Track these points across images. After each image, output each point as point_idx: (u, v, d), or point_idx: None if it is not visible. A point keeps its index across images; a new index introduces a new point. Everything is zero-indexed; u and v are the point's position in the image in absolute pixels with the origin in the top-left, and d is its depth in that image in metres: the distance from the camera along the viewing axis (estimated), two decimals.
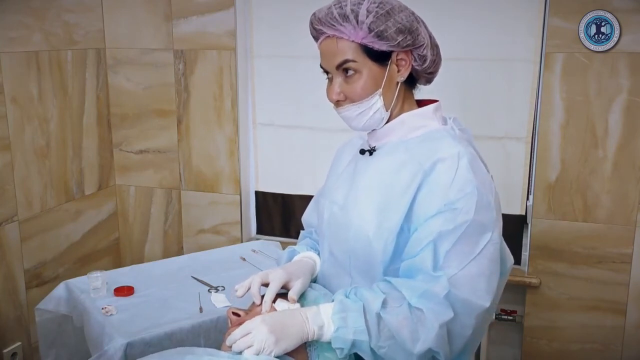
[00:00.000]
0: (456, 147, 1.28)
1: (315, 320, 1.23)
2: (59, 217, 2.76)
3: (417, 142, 1.34)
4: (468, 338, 1.25)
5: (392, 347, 1.21)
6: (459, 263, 1.21)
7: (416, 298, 1.20)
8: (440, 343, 1.20)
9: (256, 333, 1.20)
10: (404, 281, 1.23)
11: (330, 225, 1.42)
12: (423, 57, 1.33)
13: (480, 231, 1.24)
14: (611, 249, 2.40)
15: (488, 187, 1.28)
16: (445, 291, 1.19)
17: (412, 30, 1.29)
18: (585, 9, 2.25)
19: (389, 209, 1.28)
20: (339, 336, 1.21)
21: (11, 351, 2.55)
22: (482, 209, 1.23)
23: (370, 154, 1.40)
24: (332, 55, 1.31)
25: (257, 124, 2.89)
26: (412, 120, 1.36)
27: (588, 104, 2.33)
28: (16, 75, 2.47)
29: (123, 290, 2.12)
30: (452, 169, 1.25)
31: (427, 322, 1.19)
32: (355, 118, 1.34)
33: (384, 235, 1.28)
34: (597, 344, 2.49)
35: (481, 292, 1.23)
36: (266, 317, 1.24)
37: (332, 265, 1.43)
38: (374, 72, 1.30)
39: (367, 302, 1.21)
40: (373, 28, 1.26)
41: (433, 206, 1.24)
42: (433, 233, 1.22)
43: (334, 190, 1.45)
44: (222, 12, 2.73)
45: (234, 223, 2.92)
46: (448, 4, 2.46)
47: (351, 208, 1.36)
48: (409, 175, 1.28)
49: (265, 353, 1.20)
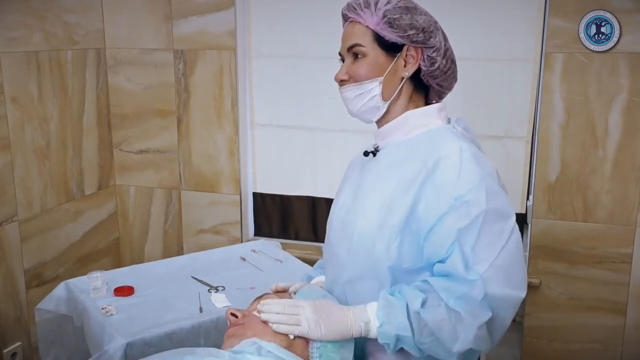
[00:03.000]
0: (457, 142, 1.29)
1: (361, 317, 1.25)
2: (59, 217, 2.76)
3: (419, 140, 1.34)
4: (507, 327, 1.27)
5: (434, 343, 1.23)
6: (489, 255, 1.21)
7: (453, 300, 1.21)
8: (480, 342, 1.22)
9: (304, 313, 1.25)
10: (441, 282, 1.23)
11: (337, 230, 1.42)
12: (432, 60, 1.34)
13: (500, 218, 1.24)
14: (611, 249, 2.40)
15: (495, 175, 1.30)
16: (482, 295, 1.20)
17: (426, 30, 1.32)
18: (585, 9, 2.25)
19: (392, 207, 1.29)
20: (384, 332, 1.23)
21: (11, 351, 2.55)
22: (494, 197, 1.24)
23: (374, 154, 1.41)
24: (347, 38, 1.36)
25: (255, 125, 2.89)
26: (415, 118, 1.37)
27: (588, 104, 2.33)
28: (16, 75, 2.47)
29: (123, 290, 2.12)
30: (456, 164, 1.25)
31: (465, 324, 1.20)
32: (352, 100, 1.36)
33: (387, 234, 1.28)
34: (597, 344, 2.49)
35: (517, 282, 1.24)
36: (316, 302, 1.28)
37: (334, 271, 1.42)
38: (380, 59, 1.33)
39: (409, 300, 1.23)
40: (387, 14, 1.30)
41: (442, 203, 1.24)
42: (453, 232, 1.22)
43: (342, 195, 1.46)
44: (222, 12, 2.73)
45: (234, 223, 2.92)
46: (448, 4, 2.46)
47: (356, 209, 1.36)
48: (411, 172, 1.29)
49: (314, 336, 1.24)
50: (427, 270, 1.29)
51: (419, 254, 1.28)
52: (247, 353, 1.23)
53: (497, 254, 1.21)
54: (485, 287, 1.20)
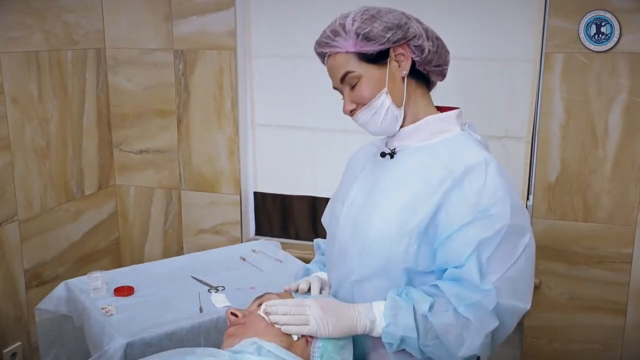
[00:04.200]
0: (482, 154, 1.31)
1: (367, 315, 1.26)
2: (59, 217, 2.76)
3: (442, 147, 1.35)
4: (508, 335, 1.31)
5: (437, 347, 1.24)
6: (502, 267, 1.24)
7: (464, 307, 1.23)
8: (485, 349, 1.25)
9: (312, 312, 1.25)
10: (451, 288, 1.25)
11: (346, 228, 1.41)
12: (420, 48, 1.34)
13: (519, 234, 1.26)
14: (611, 249, 2.40)
15: (517, 190, 1.32)
16: (494, 304, 1.22)
17: (401, 25, 1.31)
18: (585, 9, 2.25)
19: (413, 210, 1.29)
20: (389, 331, 1.24)
21: (11, 351, 2.55)
22: (517, 213, 1.26)
23: (391, 156, 1.40)
24: (335, 71, 1.36)
25: (255, 125, 2.89)
26: (436, 124, 1.37)
27: (588, 104, 2.33)
28: (16, 75, 2.47)
29: (123, 290, 2.12)
30: (481, 176, 1.27)
31: (472, 330, 1.23)
32: (370, 121, 1.36)
33: (407, 236, 1.28)
34: (597, 344, 2.49)
35: (523, 295, 1.28)
36: (321, 300, 1.29)
37: (342, 269, 1.42)
38: (374, 74, 1.32)
39: (417, 302, 1.24)
40: (359, 32, 1.29)
41: (466, 213, 1.25)
42: (473, 242, 1.24)
43: (351, 193, 1.45)
44: (222, 12, 2.73)
45: (233, 223, 2.92)
46: (448, 4, 2.46)
47: (372, 209, 1.36)
48: (437, 178, 1.29)
49: (322, 335, 1.24)
50: (437, 274, 1.30)
51: (432, 258, 1.29)
52: (247, 353, 1.23)
53: (508, 267, 1.25)
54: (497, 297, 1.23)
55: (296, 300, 1.31)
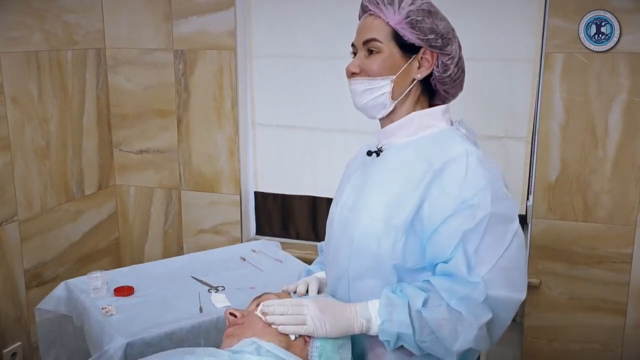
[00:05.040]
0: (464, 146, 1.30)
1: (363, 314, 1.27)
2: (59, 217, 2.76)
3: (426, 142, 1.35)
4: (507, 327, 1.29)
5: (434, 342, 1.24)
6: (491, 258, 1.23)
7: (455, 300, 1.22)
8: (480, 342, 1.24)
9: (309, 312, 1.26)
10: (442, 282, 1.25)
11: (339, 229, 1.42)
12: (445, 66, 1.35)
13: (504, 222, 1.25)
14: (611, 249, 2.40)
15: (501, 179, 1.31)
16: (483, 297, 1.21)
17: (445, 37, 1.33)
18: (585, 9, 2.25)
19: (398, 206, 1.29)
20: (385, 329, 1.25)
21: (11, 351, 2.55)
22: (499, 201, 1.25)
23: (377, 154, 1.41)
24: (365, 31, 1.35)
25: (256, 124, 2.89)
26: (421, 119, 1.37)
27: (588, 104, 2.33)
28: (16, 75, 2.48)
29: (123, 290, 2.12)
30: (462, 167, 1.26)
31: (466, 324, 1.22)
32: (360, 93, 1.36)
33: (393, 232, 1.28)
34: (597, 344, 2.49)
35: (517, 285, 1.26)
36: (318, 299, 1.29)
37: (337, 270, 1.43)
38: (395, 58, 1.33)
39: (411, 298, 1.24)
40: (410, 15, 1.30)
41: (448, 206, 1.25)
42: (457, 234, 1.23)
43: (344, 194, 1.46)
44: (222, 12, 2.73)
45: (233, 223, 2.92)
46: (448, 4, 2.45)
47: (361, 208, 1.36)
48: (418, 173, 1.29)
49: (319, 334, 1.25)
50: (428, 270, 1.30)
51: (422, 254, 1.29)
52: (246, 353, 1.23)
53: (499, 256, 1.23)
54: (487, 289, 1.22)
55: (293, 300, 1.31)
